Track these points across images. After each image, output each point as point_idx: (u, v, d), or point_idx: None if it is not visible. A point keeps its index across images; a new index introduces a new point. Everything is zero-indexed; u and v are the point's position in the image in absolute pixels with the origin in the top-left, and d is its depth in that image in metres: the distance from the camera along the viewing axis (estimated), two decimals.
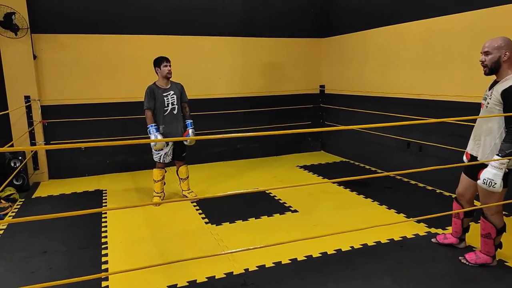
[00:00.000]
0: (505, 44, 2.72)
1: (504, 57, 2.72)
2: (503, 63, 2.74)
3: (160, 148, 4.45)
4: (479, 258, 3.10)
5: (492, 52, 2.76)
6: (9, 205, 4.59)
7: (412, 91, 5.33)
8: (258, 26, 6.72)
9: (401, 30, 5.42)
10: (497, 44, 2.74)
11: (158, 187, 4.66)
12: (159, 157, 4.54)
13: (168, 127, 4.50)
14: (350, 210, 4.40)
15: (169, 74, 4.46)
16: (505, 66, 2.75)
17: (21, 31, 5.21)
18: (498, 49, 2.73)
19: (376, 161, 6.21)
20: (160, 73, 4.46)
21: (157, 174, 4.62)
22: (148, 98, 4.44)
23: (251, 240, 3.67)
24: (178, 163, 4.75)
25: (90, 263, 3.28)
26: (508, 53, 2.71)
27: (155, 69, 4.49)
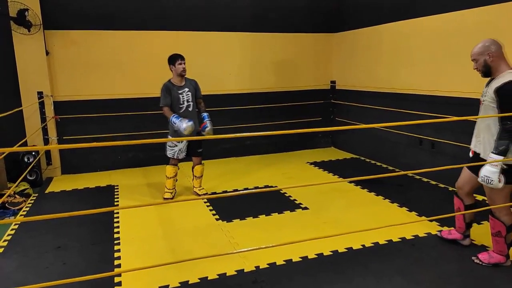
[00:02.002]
0: (485, 49, 2.83)
1: (490, 59, 2.82)
2: (491, 64, 2.83)
3: (191, 132, 4.22)
4: (492, 257, 3.07)
5: (478, 59, 2.89)
6: (23, 200, 4.66)
7: (425, 87, 5.26)
8: (269, 21, 6.68)
9: (415, 25, 5.34)
10: (479, 50, 2.86)
11: (170, 183, 4.67)
12: (173, 153, 4.53)
13: None
14: (361, 208, 4.38)
15: (183, 72, 4.44)
16: (494, 66, 2.83)
17: (34, 28, 5.25)
18: (481, 54, 2.85)
19: (387, 158, 6.16)
20: (175, 71, 4.45)
21: (170, 170, 4.62)
22: (164, 95, 4.43)
23: (261, 237, 3.67)
24: (195, 159, 4.73)
25: (102, 259, 3.32)
26: (492, 55, 2.80)
27: (170, 66, 4.47)
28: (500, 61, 2.81)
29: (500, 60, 2.81)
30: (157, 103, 6.10)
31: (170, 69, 4.49)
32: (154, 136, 6.19)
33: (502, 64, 2.81)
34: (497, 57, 2.81)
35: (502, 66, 2.81)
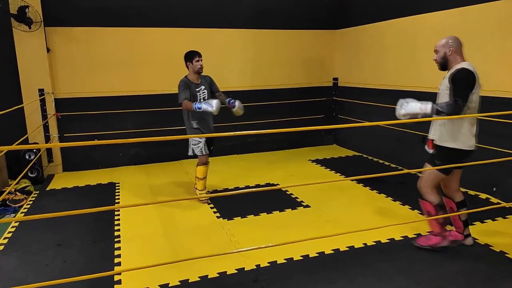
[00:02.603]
0: (446, 43, 3.11)
1: (449, 52, 3.09)
2: (449, 57, 3.11)
3: (219, 109, 4.03)
4: (429, 239, 3.30)
5: (439, 50, 3.15)
6: (24, 197, 4.66)
7: (430, 84, 5.20)
8: (271, 18, 6.64)
9: (419, 21, 5.28)
10: (442, 43, 3.14)
11: (202, 184, 4.55)
12: (201, 149, 4.40)
13: (201, 122, 4.40)
14: (363, 206, 4.35)
15: (201, 69, 4.33)
16: (451, 59, 3.10)
17: (35, 25, 5.23)
18: (443, 47, 3.13)
19: (390, 156, 6.12)
20: (192, 68, 4.34)
21: (203, 171, 4.49)
22: (183, 89, 4.25)
23: (262, 235, 3.65)
24: None
25: (103, 256, 3.31)
26: (451, 49, 3.08)
27: (186, 63, 4.36)
28: (457, 55, 3.09)
29: (457, 55, 3.09)
30: (159, 100, 6.15)
31: (187, 66, 4.38)
32: (156, 133, 6.19)
33: (458, 58, 3.09)
34: (455, 52, 3.09)
35: (458, 60, 3.09)
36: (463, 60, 3.10)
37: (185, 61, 4.37)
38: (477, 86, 3.00)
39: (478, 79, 3.01)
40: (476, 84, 2.99)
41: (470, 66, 3.03)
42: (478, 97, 3.04)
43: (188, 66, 4.36)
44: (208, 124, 4.48)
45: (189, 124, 4.41)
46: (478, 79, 3.02)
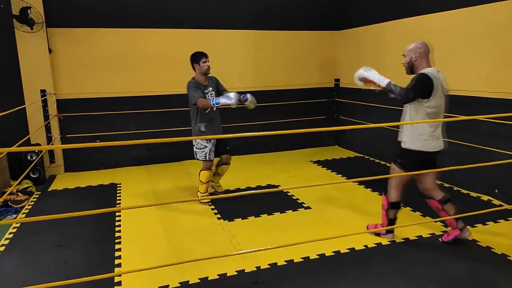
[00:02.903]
0: (413, 48, 3.21)
1: (415, 57, 3.20)
2: (415, 62, 3.22)
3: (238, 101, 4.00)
4: (376, 227, 3.57)
5: (407, 55, 3.26)
6: (26, 198, 4.67)
7: None
8: (272, 18, 6.64)
9: (422, 22, 5.26)
10: (410, 48, 3.24)
11: (204, 188, 4.50)
12: (205, 155, 4.32)
13: (210, 124, 4.32)
14: (364, 207, 4.33)
15: (208, 70, 4.26)
16: (417, 65, 3.22)
17: (37, 25, 5.25)
18: (411, 52, 3.23)
19: (391, 157, 6.08)
20: (199, 69, 4.26)
21: (207, 175, 4.44)
22: (194, 90, 4.16)
23: (263, 237, 3.64)
24: (223, 158, 4.59)
25: (103, 258, 3.31)
26: (417, 54, 3.19)
27: (193, 65, 4.28)
28: (423, 61, 3.20)
29: (423, 61, 3.20)
30: (160, 101, 6.15)
31: (193, 68, 4.30)
32: (157, 134, 6.20)
33: (424, 64, 3.20)
34: (422, 57, 3.20)
35: (423, 65, 3.20)
36: (429, 65, 3.21)
37: (192, 63, 4.29)
38: (436, 92, 3.09)
39: (439, 85, 3.10)
40: (435, 91, 3.08)
41: (433, 72, 3.12)
42: (441, 102, 3.16)
43: (195, 68, 4.29)
44: (217, 126, 4.42)
45: (196, 127, 4.32)
46: (441, 86, 3.12)
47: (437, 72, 3.16)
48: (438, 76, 3.14)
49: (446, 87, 3.19)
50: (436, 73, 3.15)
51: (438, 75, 3.14)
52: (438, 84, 3.10)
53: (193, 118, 4.34)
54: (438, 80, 3.12)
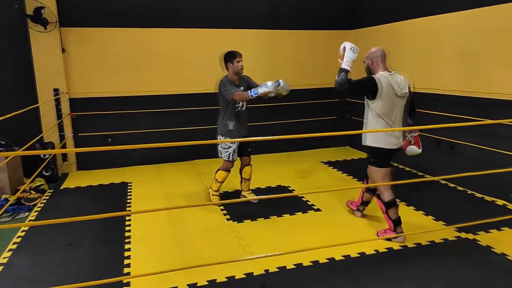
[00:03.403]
0: (369, 54, 3.47)
1: (370, 62, 3.47)
2: (371, 67, 3.47)
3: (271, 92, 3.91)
4: (385, 233, 3.56)
5: (364, 61, 3.53)
6: (38, 196, 4.73)
7: (446, 87, 5.09)
8: (283, 18, 6.59)
9: (438, 21, 5.15)
10: (367, 54, 3.49)
11: (218, 186, 4.43)
12: (229, 155, 4.23)
13: (238, 124, 4.25)
14: (375, 210, 4.24)
15: (241, 70, 4.20)
16: (373, 69, 3.46)
17: (50, 25, 5.30)
18: (367, 58, 3.49)
19: (404, 159, 5.97)
20: (232, 69, 4.18)
21: (224, 176, 4.37)
22: (229, 86, 4.07)
23: (272, 240, 3.61)
24: (244, 159, 4.48)
25: (113, 258, 3.33)
26: (373, 59, 3.44)
27: (226, 64, 4.20)
28: (379, 65, 3.41)
29: (378, 65, 3.41)
30: (172, 100, 6.16)
31: (226, 67, 4.23)
32: (169, 133, 6.22)
33: (379, 68, 3.41)
34: (376, 62, 3.42)
35: (378, 69, 3.41)
36: (383, 70, 3.40)
37: (225, 62, 4.22)
38: (382, 94, 3.28)
39: (388, 88, 3.29)
40: (380, 93, 3.28)
41: (384, 76, 3.33)
42: (391, 103, 3.33)
43: (228, 67, 4.21)
44: (245, 125, 4.36)
45: (225, 124, 4.23)
46: (391, 88, 3.29)
47: (389, 75, 3.35)
48: (390, 79, 3.32)
49: (399, 89, 3.34)
50: (388, 76, 3.34)
51: (391, 78, 3.33)
52: (386, 87, 3.28)
53: (222, 114, 4.26)
54: (389, 83, 3.29)
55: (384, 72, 3.37)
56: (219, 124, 4.31)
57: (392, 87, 3.30)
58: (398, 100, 3.37)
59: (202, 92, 6.19)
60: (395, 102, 3.35)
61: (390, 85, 3.29)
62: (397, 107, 3.39)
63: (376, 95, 3.29)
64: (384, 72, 3.37)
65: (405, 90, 3.39)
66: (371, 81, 3.31)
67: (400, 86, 3.36)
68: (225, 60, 4.22)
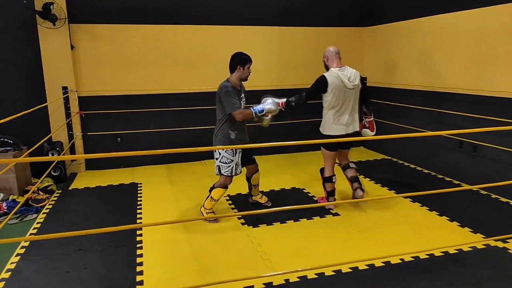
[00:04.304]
0: (325, 53, 4.03)
1: (326, 59, 4.04)
2: (327, 64, 4.03)
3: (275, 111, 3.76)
4: (322, 200, 4.38)
5: (323, 59, 4.08)
6: (47, 197, 4.60)
7: (468, 86, 4.87)
8: (296, 14, 6.40)
9: (458, 18, 4.95)
10: (324, 53, 4.05)
11: (213, 205, 3.97)
12: (231, 170, 3.79)
13: (240, 132, 3.87)
14: (396, 215, 4.08)
15: (248, 77, 3.84)
16: (328, 65, 4.01)
17: (59, 21, 5.17)
18: (323, 57, 4.06)
19: (421, 160, 5.80)
20: (240, 74, 3.76)
21: (221, 194, 3.92)
22: (234, 98, 3.65)
23: (291, 247, 3.43)
24: (250, 168, 4.16)
25: (125, 263, 3.18)
26: (328, 57, 4.01)
27: (236, 66, 3.73)
28: (333, 62, 3.96)
29: (332, 61, 3.97)
30: (182, 99, 6.01)
31: (234, 69, 3.76)
32: (179, 132, 6.09)
33: (333, 64, 3.96)
34: (331, 59, 3.97)
35: (332, 65, 3.96)
36: (336, 66, 3.94)
37: (235, 64, 3.74)
38: (333, 88, 3.83)
39: (334, 83, 3.82)
40: (330, 87, 3.84)
41: (333, 72, 3.88)
42: (342, 95, 3.86)
43: (237, 70, 3.74)
44: (245, 135, 3.98)
45: (226, 134, 3.78)
46: (341, 82, 3.83)
47: (339, 70, 3.89)
48: (340, 73, 3.86)
49: (349, 82, 3.87)
50: (337, 71, 3.88)
51: (340, 73, 3.87)
52: (335, 81, 3.83)
53: (219, 124, 3.80)
54: (337, 77, 3.85)
55: (335, 67, 3.92)
56: (217, 136, 3.82)
57: (342, 80, 3.84)
58: (349, 91, 3.90)
59: (214, 91, 6.00)
60: (346, 93, 3.88)
61: (340, 79, 3.84)
62: (348, 98, 3.92)
63: (327, 89, 3.85)
64: (335, 68, 3.92)
65: (356, 82, 3.92)
66: (320, 81, 3.89)
67: (350, 79, 3.89)
68: (237, 61, 3.75)
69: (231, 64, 3.80)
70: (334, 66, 3.92)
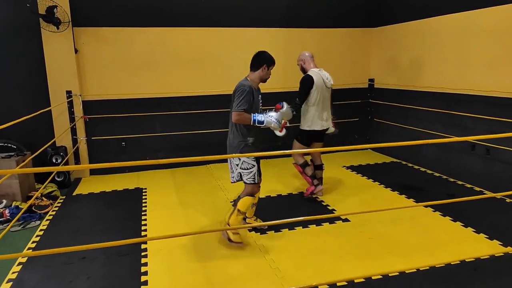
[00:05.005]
0: (300, 56, 4.36)
1: (303, 63, 4.35)
2: (304, 66, 4.35)
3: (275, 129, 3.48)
4: (308, 190, 4.55)
5: (298, 63, 4.40)
6: (50, 203, 4.52)
7: (482, 87, 4.74)
8: (302, 15, 6.31)
9: (468, 18, 4.82)
10: (298, 57, 4.38)
11: (240, 220, 3.51)
12: (253, 176, 3.47)
13: (257, 138, 3.54)
14: (408, 221, 3.95)
15: (267, 81, 3.59)
16: (306, 67, 4.33)
17: (63, 25, 5.11)
18: (299, 60, 4.39)
19: (432, 163, 5.67)
20: (263, 74, 3.46)
21: (248, 204, 3.51)
22: (247, 97, 3.32)
23: (300, 255, 3.31)
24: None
25: (129, 272, 3.09)
26: (304, 60, 4.34)
27: (263, 65, 3.42)
28: (310, 64, 4.30)
29: (309, 64, 4.30)
30: (188, 102, 5.93)
31: (257, 67, 3.44)
32: (185, 136, 6.01)
33: (310, 66, 4.29)
34: (308, 62, 4.31)
35: (310, 67, 4.29)
36: (315, 66, 4.30)
37: (261, 62, 3.43)
38: (316, 87, 4.17)
39: (318, 82, 4.16)
40: (315, 86, 4.16)
41: (315, 71, 4.22)
42: (322, 94, 4.20)
43: (262, 69, 3.43)
44: (261, 140, 3.62)
45: (243, 140, 3.43)
46: (322, 81, 4.20)
47: (318, 70, 4.27)
48: (320, 73, 4.24)
49: (328, 81, 4.28)
50: (318, 71, 4.25)
51: (320, 73, 4.25)
52: (318, 80, 4.18)
53: (239, 127, 3.44)
54: (319, 76, 4.21)
55: (314, 68, 4.27)
56: (234, 139, 3.45)
57: (323, 79, 4.22)
58: (326, 90, 4.30)
59: (220, 94, 5.94)
60: (325, 92, 4.26)
61: (321, 78, 4.21)
62: (327, 96, 4.32)
63: (313, 86, 4.15)
64: (314, 69, 4.26)
65: (332, 82, 4.35)
66: (307, 79, 4.16)
67: (328, 79, 4.31)
68: (264, 60, 3.44)
69: (255, 61, 3.45)
70: (312, 67, 4.27)
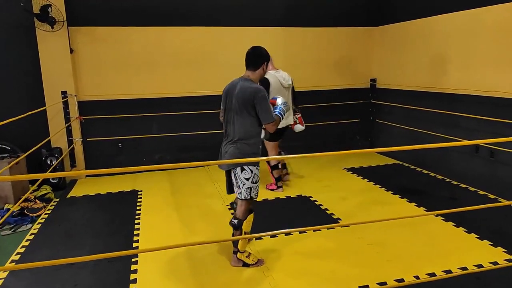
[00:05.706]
0: None
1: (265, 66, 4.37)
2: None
3: None
4: (270, 187, 4.85)
5: None
6: (43, 206, 4.43)
7: (486, 87, 4.60)
8: (303, 14, 6.19)
9: (473, 16, 4.68)
10: None
11: (246, 242, 3.16)
12: (257, 189, 3.10)
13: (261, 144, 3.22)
14: (409, 226, 3.81)
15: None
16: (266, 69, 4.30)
17: (58, 24, 5.02)
18: None
19: (435, 166, 5.52)
20: (263, 72, 3.12)
21: (251, 222, 3.17)
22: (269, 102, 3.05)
23: (297, 263, 3.18)
24: None
25: (117, 280, 2.98)
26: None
27: (263, 63, 3.05)
28: (269, 65, 3.86)
29: (269, 65, 3.78)
30: (185, 103, 5.82)
31: (259, 66, 3.04)
32: (182, 137, 5.91)
33: (270, 67, 4.32)
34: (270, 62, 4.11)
35: (269, 68, 4.25)
36: (272, 69, 4.51)
37: (262, 59, 3.05)
38: (272, 86, 4.37)
39: (273, 83, 4.39)
40: (272, 87, 4.37)
41: (271, 74, 4.41)
42: (281, 94, 4.27)
43: (262, 68, 3.07)
44: None
45: (253, 147, 3.02)
46: (279, 82, 4.44)
47: (275, 72, 4.50)
48: (277, 75, 4.48)
49: (284, 81, 4.50)
50: (274, 73, 4.48)
51: (277, 74, 4.49)
52: (274, 81, 4.41)
53: (252, 134, 3.01)
54: (275, 77, 4.44)
55: (272, 70, 4.48)
56: (243, 149, 2.97)
57: (279, 80, 4.45)
58: (284, 90, 4.49)
59: (219, 94, 5.81)
60: (282, 92, 4.41)
61: (277, 79, 4.44)
62: (285, 96, 4.42)
63: (269, 88, 4.33)
64: (271, 71, 4.47)
65: (289, 82, 4.58)
66: (265, 82, 4.29)
67: (285, 79, 4.53)
68: (264, 57, 3.07)
69: (255, 60, 3.04)
70: (270, 69, 4.41)
